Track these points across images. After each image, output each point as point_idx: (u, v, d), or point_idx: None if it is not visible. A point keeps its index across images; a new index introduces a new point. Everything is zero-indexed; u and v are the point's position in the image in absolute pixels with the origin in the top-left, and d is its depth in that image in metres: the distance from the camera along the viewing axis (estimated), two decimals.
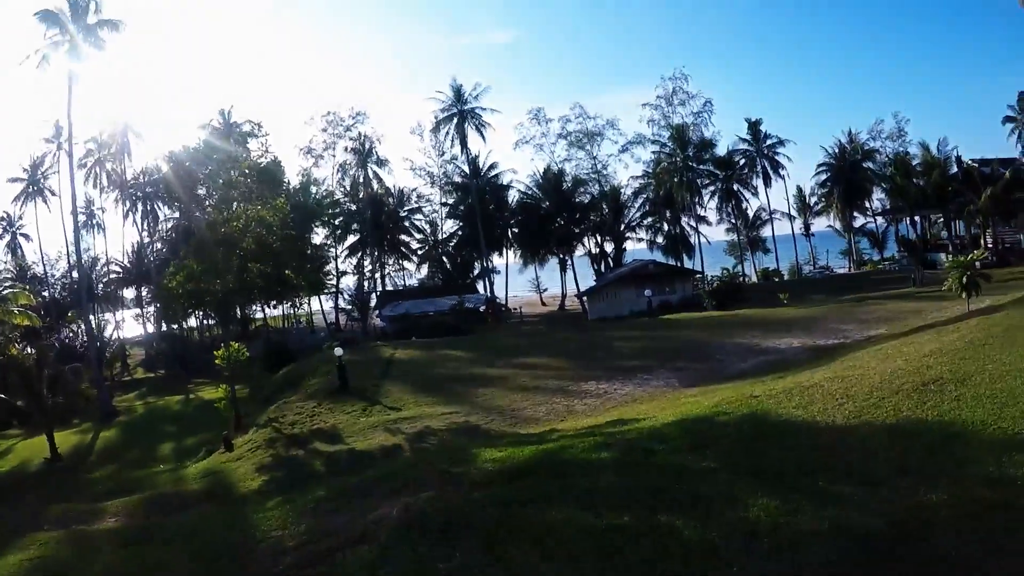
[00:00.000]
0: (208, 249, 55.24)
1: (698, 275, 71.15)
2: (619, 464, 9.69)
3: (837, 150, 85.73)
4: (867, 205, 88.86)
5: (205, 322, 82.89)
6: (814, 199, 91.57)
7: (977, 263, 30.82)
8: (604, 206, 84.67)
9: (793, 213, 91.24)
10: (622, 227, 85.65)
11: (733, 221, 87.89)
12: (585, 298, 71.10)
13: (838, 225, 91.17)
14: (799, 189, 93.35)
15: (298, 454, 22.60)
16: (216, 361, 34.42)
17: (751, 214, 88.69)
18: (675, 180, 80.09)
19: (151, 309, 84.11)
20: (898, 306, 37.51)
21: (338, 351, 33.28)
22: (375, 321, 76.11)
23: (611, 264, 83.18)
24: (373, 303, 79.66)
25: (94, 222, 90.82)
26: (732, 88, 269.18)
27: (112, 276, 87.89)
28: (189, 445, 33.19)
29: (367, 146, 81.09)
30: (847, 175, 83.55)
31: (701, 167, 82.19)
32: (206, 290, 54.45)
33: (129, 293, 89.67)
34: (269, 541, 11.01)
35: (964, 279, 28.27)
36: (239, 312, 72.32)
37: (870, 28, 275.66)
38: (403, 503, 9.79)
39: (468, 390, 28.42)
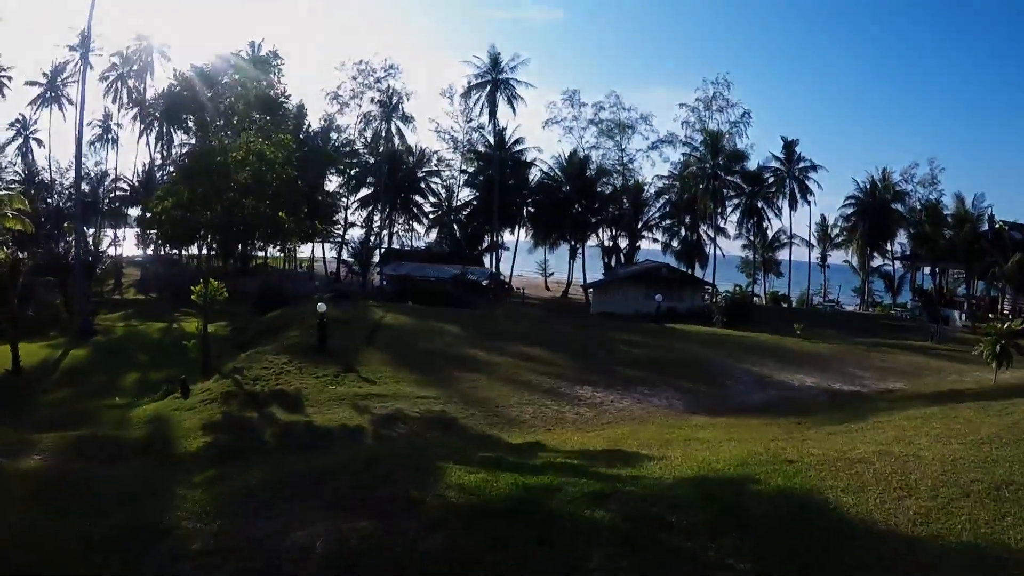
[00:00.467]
0: (200, 177, 52.78)
1: (708, 286, 69.23)
2: (620, 533, 7.53)
3: (868, 186, 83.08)
4: (888, 247, 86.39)
5: (204, 252, 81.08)
6: (835, 231, 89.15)
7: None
8: (624, 200, 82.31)
9: (812, 241, 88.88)
10: (639, 224, 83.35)
11: (751, 238, 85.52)
12: (591, 290, 69.06)
13: (855, 261, 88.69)
14: (823, 218, 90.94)
15: (252, 417, 20.45)
16: (192, 297, 32.26)
17: (770, 234, 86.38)
18: (701, 186, 77.82)
19: (153, 231, 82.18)
20: (915, 360, 35.40)
21: (321, 307, 31.03)
22: (375, 278, 74.26)
23: (622, 260, 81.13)
24: (377, 259, 77.63)
25: (109, 137, 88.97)
26: (769, 103, 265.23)
27: (119, 193, 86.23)
28: (153, 379, 30.92)
29: (394, 100, 78.60)
30: (875, 213, 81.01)
31: (729, 178, 79.77)
32: (193, 220, 52.17)
33: (134, 212, 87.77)
34: (176, 535, 9.08)
35: (998, 347, 26.24)
36: (240, 247, 70.49)
37: (921, 73, 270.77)
38: (338, 531, 7.72)
39: (453, 373, 26.30)
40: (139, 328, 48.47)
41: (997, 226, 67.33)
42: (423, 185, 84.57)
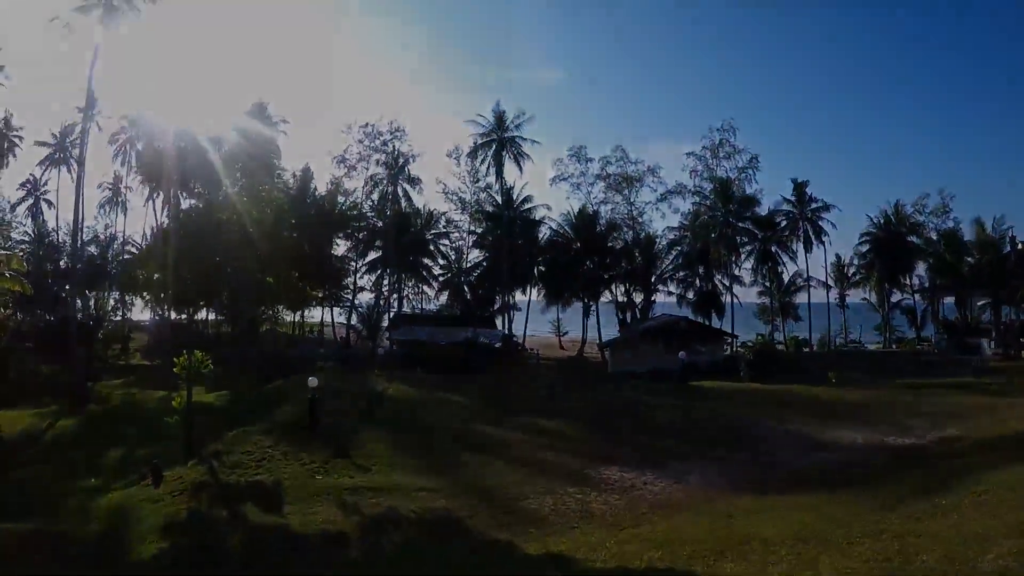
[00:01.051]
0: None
1: (728, 337, 67.04)
2: None
3: (882, 221, 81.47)
4: (907, 281, 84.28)
5: (213, 316, 79.65)
6: (852, 269, 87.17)
7: None
8: (637, 254, 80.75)
9: (830, 282, 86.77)
10: (653, 278, 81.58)
11: (767, 284, 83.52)
12: (608, 349, 66.93)
13: (873, 298, 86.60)
14: (838, 257, 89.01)
15: (220, 516, 18.40)
16: (175, 369, 30.47)
17: (786, 278, 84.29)
18: (713, 235, 76.43)
19: (162, 294, 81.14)
20: (961, 399, 33.55)
21: (312, 381, 28.63)
22: (385, 342, 72.56)
23: (638, 315, 79.20)
24: (386, 324, 76.00)
25: (119, 199, 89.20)
26: (777, 146, 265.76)
27: (127, 257, 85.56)
28: (138, 456, 28.69)
29: (400, 162, 77.67)
30: (891, 248, 79.19)
31: (741, 224, 78.21)
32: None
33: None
34: None
35: None
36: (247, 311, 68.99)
37: (928, 99, 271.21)
38: None
39: (459, 455, 24.17)
40: (137, 397, 46.02)
41: (1020, 247, 65.87)
42: (432, 247, 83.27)
